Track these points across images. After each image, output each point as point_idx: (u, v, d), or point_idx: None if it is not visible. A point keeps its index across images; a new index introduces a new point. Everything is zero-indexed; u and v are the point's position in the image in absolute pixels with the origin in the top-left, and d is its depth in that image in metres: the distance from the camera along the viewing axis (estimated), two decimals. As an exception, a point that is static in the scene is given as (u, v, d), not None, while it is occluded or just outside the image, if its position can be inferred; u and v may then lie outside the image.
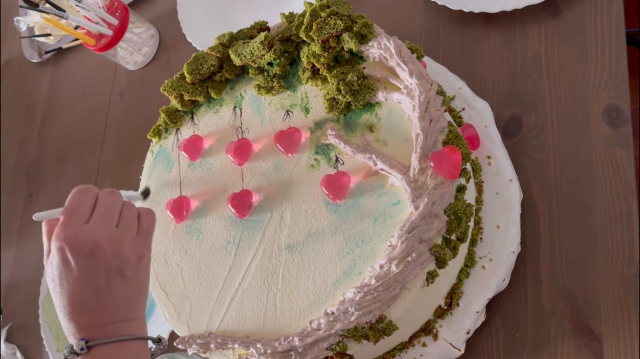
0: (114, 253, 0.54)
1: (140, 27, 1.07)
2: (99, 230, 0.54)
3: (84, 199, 0.56)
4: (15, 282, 1.09)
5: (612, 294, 0.63)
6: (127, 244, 0.55)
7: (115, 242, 0.55)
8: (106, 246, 0.54)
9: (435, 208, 0.59)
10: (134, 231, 0.57)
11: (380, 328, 0.59)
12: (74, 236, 0.53)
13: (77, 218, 0.55)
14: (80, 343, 0.52)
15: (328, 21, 0.66)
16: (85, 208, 0.56)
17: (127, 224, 0.57)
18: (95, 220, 0.55)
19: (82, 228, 0.54)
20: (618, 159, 0.67)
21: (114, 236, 0.55)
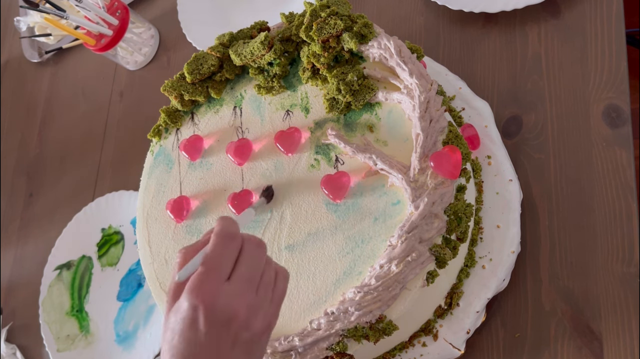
0: (247, 326, 0.48)
1: (140, 27, 1.07)
2: (241, 298, 0.48)
3: (229, 250, 0.49)
4: (15, 282, 1.09)
5: (612, 294, 0.63)
6: (261, 316, 0.49)
7: (252, 314, 0.48)
8: (243, 319, 0.48)
9: (435, 208, 0.59)
10: (269, 298, 0.51)
11: (380, 327, 0.59)
12: (212, 298, 0.47)
13: (218, 274, 0.48)
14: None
15: (328, 21, 0.66)
16: (228, 262, 0.49)
17: (266, 291, 0.50)
18: (238, 283, 0.48)
19: (223, 291, 0.47)
20: (618, 159, 0.67)
21: (253, 307, 0.49)
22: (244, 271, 0.49)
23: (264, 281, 0.50)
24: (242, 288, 0.48)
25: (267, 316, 0.50)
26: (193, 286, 0.47)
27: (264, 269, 0.51)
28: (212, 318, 0.47)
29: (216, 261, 0.48)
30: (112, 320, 0.93)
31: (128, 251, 0.96)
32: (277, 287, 0.51)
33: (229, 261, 0.49)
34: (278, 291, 0.51)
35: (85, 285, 0.98)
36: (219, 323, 0.47)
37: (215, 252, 0.49)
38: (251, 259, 0.50)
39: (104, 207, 1.00)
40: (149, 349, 0.87)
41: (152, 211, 0.75)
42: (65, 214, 1.04)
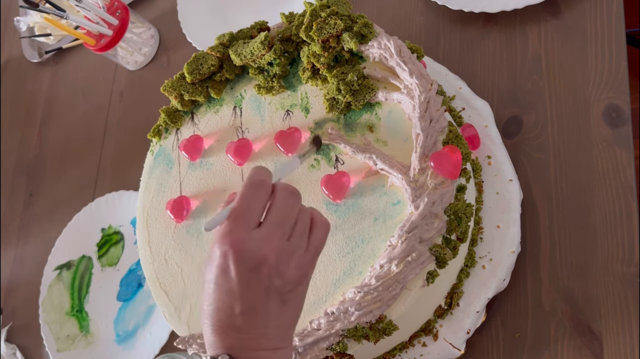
0: (279, 273, 0.47)
1: (140, 27, 1.07)
2: (270, 243, 0.47)
3: (258, 196, 0.49)
4: (15, 282, 1.09)
5: (612, 294, 0.63)
6: (294, 263, 0.48)
7: (283, 261, 0.48)
8: (273, 264, 0.47)
9: (435, 208, 0.59)
10: (303, 247, 0.49)
11: (380, 327, 0.59)
12: (241, 243, 0.47)
13: (248, 220, 0.48)
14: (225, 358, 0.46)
15: (328, 21, 0.66)
16: (258, 208, 0.48)
17: (299, 238, 0.49)
18: (268, 228, 0.48)
19: (252, 236, 0.47)
20: (618, 159, 0.67)
21: (284, 253, 0.48)
22: (274, 217, 0.48)
23: (298, 229, 0.49)
24: (272, 233, 0.48)
25: (302, 265, 0.49)
26: (222, 233, 0.47)
27: (298, 217, 0.50)
28: (241, 264, 0.46)
29: (244, 207, 0.48)
30: (112, 320, 0.93)
31: (128, 251, 0.96)
32: (313, 236, 0.50)
33: (258, 208, 0.48)
34: (314, 240, 0.50)
35: (85, 285, 0.98)
36: (248, 269, 0.46)
37: (242, 200, 0.48)
38: (282, 205, 0.49)
39: (104, 207, 1.00)
40: (149, 349, 0.87)
41: (152, 211, 0.75)
42: (65, 214, 1.04)
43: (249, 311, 0.47)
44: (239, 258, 0.46)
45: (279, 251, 0.47)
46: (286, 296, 0.48)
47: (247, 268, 0.47)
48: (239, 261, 0.46)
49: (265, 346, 0.48)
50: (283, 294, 0.48)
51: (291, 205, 0.49)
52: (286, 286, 0.48)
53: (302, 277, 0.49)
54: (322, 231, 0.51)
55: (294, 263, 0.48)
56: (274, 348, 0.48)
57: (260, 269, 0.47)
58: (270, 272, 0.47)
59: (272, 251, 0.47)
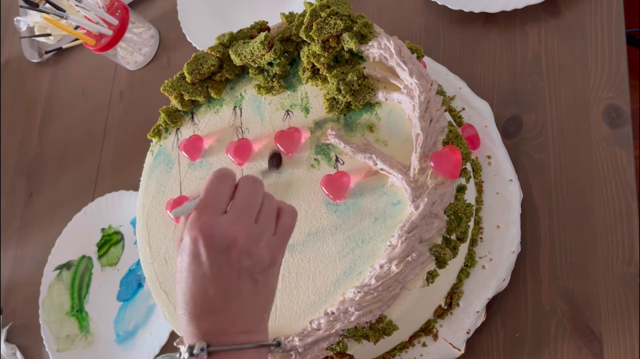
0: (248, 253, 0.49)
1: (140, 27, 1.07)
2: (237, 225, 0.49)
3: (223, 186, 0.51)
4: (15, 282, 1.09)
5: (612, 294, 0.63)
6: (263, 245, 0.50)
7: (251, 241, 0.49)
8: (242, 244, 0.49)
9: (435, 208, 0.59)
10: (271, 230, 0.51)
11: (380, 327, 0.59)
12: (210, 228, 0.48)
13: (215, 207, 0.50)
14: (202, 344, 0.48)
15: (328, 21, 0.66)
16: (224, 197, 0.51)
17: (266, 222, 0.51)
18: (234, 213, 0.50)
19: (220, 220, 0.49)
20: (618, 159, 0.67)
21: (252, 234, 0.49)
22: (239, 202, 0.50)
23: (264, 212, 0.51)
24: (239, 216, 0.50)
25: (271, 247, 0.50)
26: (191, 221, 0.49)
27: (263, 202, 0.52)
28: (211, 247, 0.48)
29: (211, 196, 0.50)
30: (112, 320, 0.93)
31: (128, 251, 0.96)
32: (281, 221, 0.52)
33: (224, 196, 0.51)
34: (282, 224, 0.52)
35: (85, 285, 0.98)
36: (219, 251, 0.48)
37: (210, 189, 0.51)
38: (246, 192, 0.51)
39: (104, 207, 1.00)
40: (149, 349, 0.87)
41: (152, 211, 0.75)
42: (65, 214, 1.04)
43: (222, 293, 0.48)
44: (209, 242, 0.48)
45: (247, 232, 0.49)
46: (257, 276, 0.49)
47: (218, 251, 0.48)
48: (209, 245, 0.48)
49: (241, 328, 0.49)
50: (254, 274, 0.49)
51: (254, 191, 0.52)
52: (256, 267, 0.49)
53: (272, 258, 0.51)
54: (289, 217, 0.53)
55: (262, 244, 0.50)
56: (249, 330, 0.50)
57: (230, 251, 0.48)
58: (240, 253, 0.48)
59: (240, 233, 0.49)
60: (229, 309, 0.49)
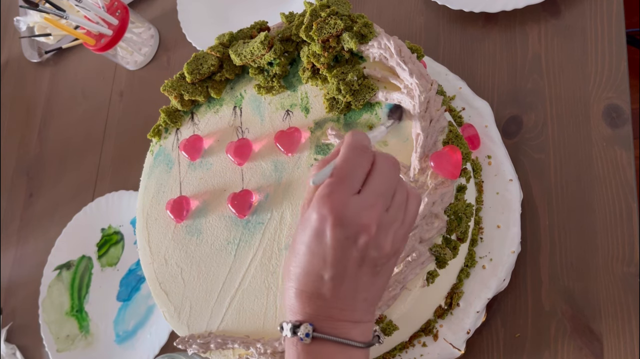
0: (377, 244, 0.45)
1: (140, 27, 1.07)
2: (372, 212, 0.45)
3: (361, 161, 0.46)
4: (15, 282, 1.09)
5: (612, 294, 0.63)
6: (390, 236, 0.46)
7: (382, 232, 0.45)
8: (372, 234, 0.44)
9: (435, 208, 0.59)
10: (400, 220, 0.47)
11: (380, 328, 0.59)
12: (342, 208, 0.44)
13: (349, 184, 0.45)
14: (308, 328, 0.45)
15: (328, 21, 0.66)
16: (360, 173, 0.46)
17: (398, 211, 0.47)
18: (370, 196, 0.45)
19: (353, 201, 0.44)
20: (618, 159, 0.67)
21: (384, 225, 0.45)
22: (375, 185, 0.46)
23: (396, 201, 0.47)
24: (374, 201, 0.45)
25: (397, 239, 0.47)
26: (322, 196, 0.45)
27: (396, 189, 0.47)
28: (339, 230, 0.44)
29: (347, 171, 0.45)
30: (112, 320, 0.93)
31: (128, 251, 0.96)
32: (408, 209, 0.48)
33: (360, 173, 0.46)
34: (409, 213, 0.48)
35: (85, 285, 0.98)
36: (345, 236, 0.44)
37: (347, 162, 0.46)
38: (384, 174, 0.47)
39: (104, 207, 1.00)
40: (149, 349, 0.87)
41: (152, 211, 0.75)
42: (65, 214, 1.04)
43: (338, 280, 0.45)
44: (337, 224, 0.44)
45: (380, 221, 0.45)
46: (379, 268, 0.46)
47: (345, 235, 0.44)
48: (337, 227, 0.44)
49: (349, 317, 0.46)
50: (377, 266, 0.46)
51: (392, 174, 0.47)
52: (381, 258, 0.46)
53: (396, 249, 0.47)
54: (415, 204, 0.49)
55: (390, 236, 0.46)
56: (357, 320, 0.46)
57: (358, 239, 0.44)
58: (369, 242, 0.45)
59: (373, 221, 0.44)
60: (341, 297, 0.45)
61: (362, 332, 0.47)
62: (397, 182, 0.47)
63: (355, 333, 0.46)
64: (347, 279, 0.45)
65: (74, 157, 1.12)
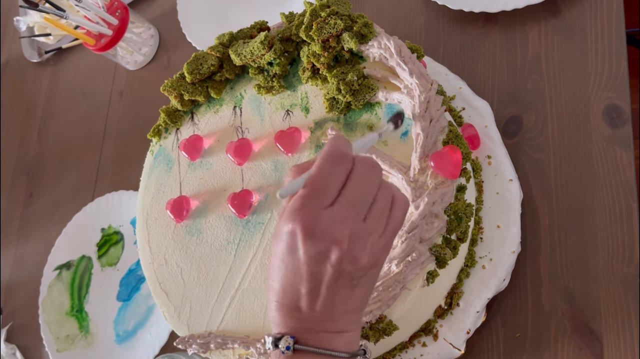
0: (351, 259, 0.43)
1: (140, 27, 1.07)
2: (343, 225, 0.43)
3: (336, 171, 0.44)
4: (15, 282, 1.09)
5: (612, 294, 0.63)
6: (368, 249, 0.44)
7: (357, 245, 0.43)
8: (345, 248, 0.43)
9: (435, 208, 0.59)
10: (380, 229, 0.45)
11: (380, 328, 0.59)
12: (312, 223, 0.42)
13: (321, 197, 0.43)
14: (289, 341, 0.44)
15: (328, 21, 0.66)
16: (334, 184, 0.44)
17: (377, 219, 0.44)
18: (342, 208, 0.43)
19: (325, 215, 0.43)
20: (618, 159, 0.67)
21: (358, 237, 0.43)
22: (350, 195, 0.44)
23: (376, 208, 0.44)
24: (346, 213, 0.43)
25: (376, 250, 0.44)
26: (292, 209, 0.43)
27: (377, 195, 0.45)
28: (310, 245, 0.43)
29: (320, 182, 0.44)
30: (112, 320, 0.93)
31: (128, 251, 0.96)
32: (392, 216, 0.45)
33: (335, 184, 0.44)
34: (392, 220, 0.45)
35: (85, 285, 0.98)
36: (317, 251, 0.43)
37: (320, 173, 0.44)
38: (361, 181, 0.44)
39: (104, 207, 1.00)
40: (149, 349, 0.87)
41: (152, 211, 0.75)
42: (65, 214, 1.04)
43: (314, 294, 0.44)
44: (308, 239, 0.43)
45: (353, 234, 0.43)
46: (356, 280, 0.44)
47: (316, 250, 0.43)
48: (307, 242, 0.43)
49: (330, 328, 0.45)
50: (354, 279, 0.44)
51: (370, 181, 0.45)
52: (358, 272, 0.44)
53: (375, 261, 0.45)
54: (401, 210, 0.46)
55: (368, 248, 0.44)
56: (338, 330, 0.46)
57: (330, 253, 0.43)
58: (342, 257, 0.43)
59: (345, 235, 0.43)
60: (318, 310, 0.45)
61: (346, 342, 0.46)
62: (376, 187, 0.45)
63: (338, 343, 0.46)
64: (324, 293, 0.44)
65: (74, 157, 1.12)
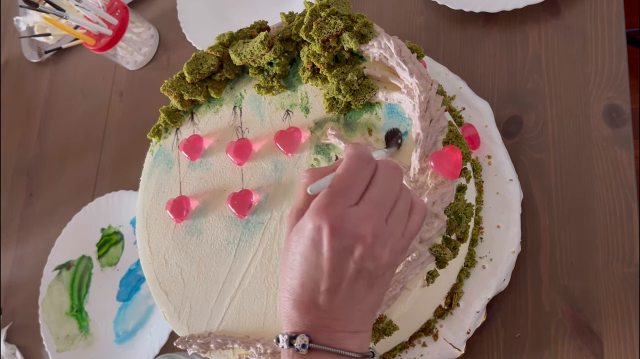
0: (373, 256, 0.45)
1: (140, 26, 1.07)
2: (368, 222, 0.44)
3: (362, 172, 0.46)
4: (15, 282, 1.09)
5: (612, 294, 0.63)
6: (388, 247, 0.45)
7: (379, 243, 0.45)
8: (369, 245, 0.44)
9: (435, 208, 0.59)
10: (400, 231, 0.46)
11: (380, 328, 0.59)
12: (339, 218, 0.44)
13: (348, 195, 0.45)
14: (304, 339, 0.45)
15: (328, 21, 0.66)
16: (359, 184, 0.46)
17: (398, 221, 0.46)
18: (367, 206, 0.45)
19: (350, 212, 0.44)
20: (618, 159, 0.67)
21: (381, 235, 0.45)
22: (374, 195, 0.45)
23: (397, 210, 0.46)
24: (371, 212, 0.45)
25: (395, 250, 0.46)
26: (319, 206, 0.45)
27: (398, 197, 0.47)
28: (336, 240, 0.44)
29: (346, 181, 0.45)
30: (112, 320, 0.93)
31: (128, 251, 0.96)
32: (411, 220, 0.47)
33: (360, 184, 0.46)
34: (411, 224, 0.47)
35: (85, 285, 0.98)
36: (342, 247, 0.44)
37: (346, 173, 0.46)
38: (384, 183, 0.46)
39: (104, 207, 1.00)
40: (149, 349, 0.87)
41: (151, 211, 0.75)
42: (65, 214, 1.04)
43: (334, 290, 0.45)
44: (334, 234, 0.44)
45: (377, 232, 0.45)
46: (374, 280, 0.46)
47: (341, 246, 0.44)
48: (333, 238, 0.44)
49: (346, 328, 0.46)
50: (372, 278, 0.45)
51: (393, 183, 0.47)
52: (378, 270, 0.45)
53: (393, 263, 0.46)
54: (419, 215, 0.48)
55: (388, 247, 0.45)
56: (354, 330, 0.46)
57: (354, 250, 0.44)
58: (365, 254, 0.44)
59: (369, 232, 0.44)
60: (336, 307, 0.45)
61: (358, 342, 0.47)
62: (398, 189, 0.47)
63: (352, 343, 0.46)
64: (343, 290, 0.45)
65: (74, 157, 1.12)
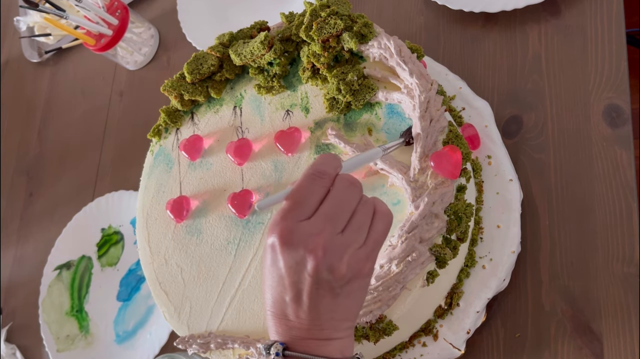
0: (328, 268, 0.45)
1: (140, 27, 1.07)
2: (317, 236, 0.45)
3: (315, 188, 0.47)
4: (15, 282, 1.09)
5: (612, 294, 0.63)
6: (347, 258, 0.46)
7: (333, 256, 0.45)
8: (320, 258, 0.45)
9: (435, 208, 0.59)
10: (360, 241, 0.47)
11: (380, 327, 0.59)
12: (288, 234, 0.46)
13: (299, 211, 0.46)
14: (278, 347, 0.47)
15: (328, 21, 0.66)
16: (313, 200, 0.47)
17: (355, 232, 0.47)
18: (318, 220, 0.46)
19: (300, 227, 0.46)
20: (618, 159, 0.67)
21: (333, 248, 0.46)
22: (326, 209, 0.47)
23: (355, 221, 0.47)
24: (322, 226, 0.46)
25: (356, 260, 0.46)
26: (273, 222, 0.47)
27: (357, 209, 0.48)
28: (287, 255, 0.46)
29: (298, 197, 0.47)
30: (112, 320, 0.93)
31: (128, 251, 0.96)
32: (372, 228, 0.48)
33: (314, 199, 0.47)
34: (374, 232, 0.48)
35: (85, 285, 0.98)
36: (294, 261, 0.46)
37: (298, 189, 0.47)
38: (338, 197, 0.47)
39: (104, 207, 1.00)
40: (149, 349, 0.87)
41: (152, 211, 0.75)
42: (65, 214, 1.04)
43: (298, 301, 0.46)
44: (284, 249, 0.46)
45: (328, 245, 0.45)
46: (338, 290, 0.46)
47: (293, 260, 0.46)
48: (285, 253, 0.46)
49: (317, 336, 0.47)
50: (334, 288, 0.46)
51: (348, 197, 0.48)
52: (337, 281, 0.46)
53: (356, 271, 0.47)
54: (383, 222, 0.49)
55: (347, 257, 0.46)
56: (326, 338, 0.47)
57: (306, 262, 0.45)
58: (318, 266, 0.45)
59: (319, 246, 0.45)
60: (304, 317, 0.47)
61: (338, 348, 0.48)
62: (354, 203, 0.48)
63: (329, 349, 0.47)
64: (306, 301, 0.46)
65: (74, 157, 1.12)
